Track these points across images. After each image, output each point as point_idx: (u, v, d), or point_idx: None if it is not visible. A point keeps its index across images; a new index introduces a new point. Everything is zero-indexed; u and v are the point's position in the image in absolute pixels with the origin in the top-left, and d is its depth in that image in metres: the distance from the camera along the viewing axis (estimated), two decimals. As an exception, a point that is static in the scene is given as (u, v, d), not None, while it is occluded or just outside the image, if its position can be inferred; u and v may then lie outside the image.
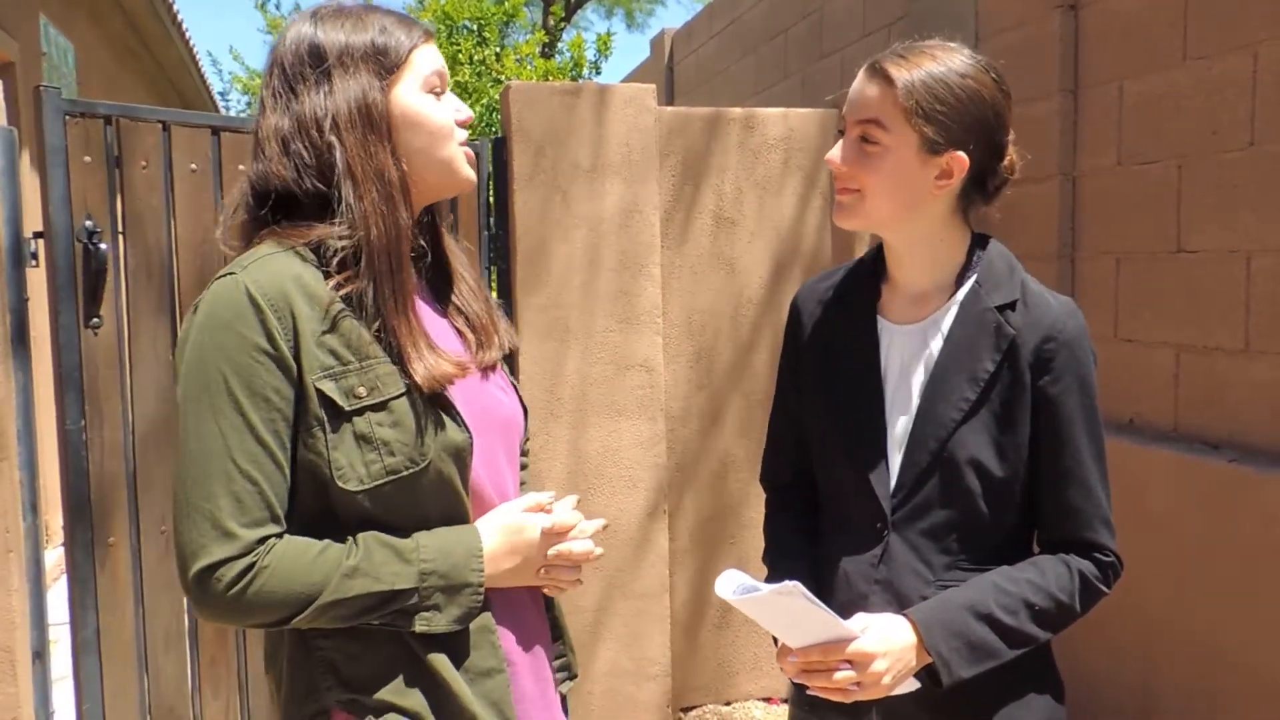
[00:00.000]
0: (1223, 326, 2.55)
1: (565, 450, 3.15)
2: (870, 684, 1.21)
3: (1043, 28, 3.12)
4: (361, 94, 1.16)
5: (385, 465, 1.11)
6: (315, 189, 1.15)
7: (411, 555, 1.11)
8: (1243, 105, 2.48)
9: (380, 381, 1.12)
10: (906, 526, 1.32)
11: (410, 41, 1.20)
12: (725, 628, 3.44)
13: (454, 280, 1.32)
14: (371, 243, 1.14)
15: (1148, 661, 2.71)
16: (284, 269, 1.12)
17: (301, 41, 1.18)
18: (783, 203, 3.39)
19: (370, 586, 1.09)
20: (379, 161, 1.15)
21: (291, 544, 1.10)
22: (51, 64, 5.65)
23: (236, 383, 1.08)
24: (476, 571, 1.15)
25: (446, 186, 1.25)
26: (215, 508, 1.06)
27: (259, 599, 1.07)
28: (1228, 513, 2.45)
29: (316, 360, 1.10)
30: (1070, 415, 1.30)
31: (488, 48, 8.18)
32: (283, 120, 1.16)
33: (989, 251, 1.37)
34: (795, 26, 5.15)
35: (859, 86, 1.32)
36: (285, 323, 1.09)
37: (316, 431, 1.10)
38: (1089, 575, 1.31)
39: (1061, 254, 3.07)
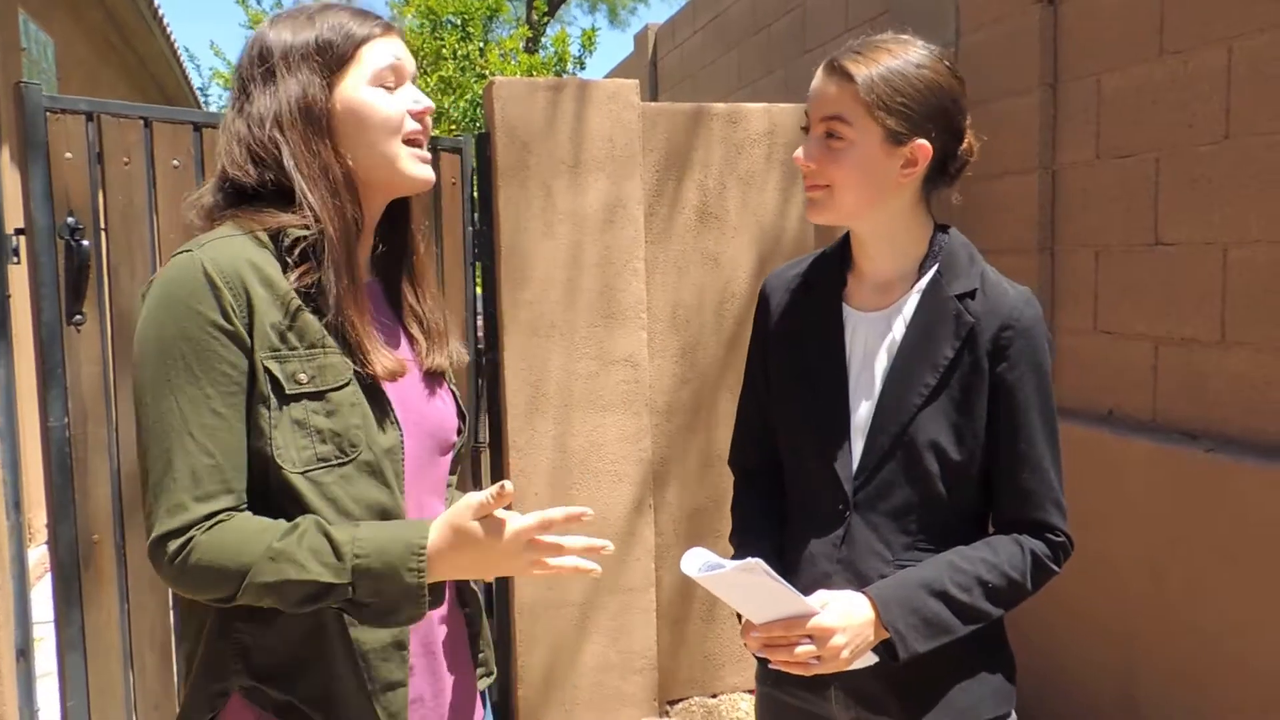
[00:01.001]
0: (1200, 318, 2.58)
1: (550, 445, 3.16)
2: (830, 658, 1.25)
3: (1022, 22, 3.14)
4: (301, 91, 1.18)
5: (316, 453, 1.13)
6: (273, 181, 1.17)
7: (345, 548, 1.08)
8: (1218, 99, 2.51)
9: (322, 371, 1.14)
10: (867, 508, 1.36)
11: (360, 35, 1.20)
12: (711, 621, 3.46)
13: (418, 283, 1.34)
14: (329, 236, 1.16)
15: (1128, 649, 2.75)
16: (240, 250, 1.14)
17: (255, 45, 1.21)
18: (766, 197, 3.40)
19: (294, 574, 1.07)
20: (322, 158, 1.18)
21: (237, 520, 1.10)
22: (31, 59, 5.60)
23: (194, 359, 1.09)
24: (414, 572, 1.09)
25: (395, 184, 1.25)
26: (171, 481, 1.09)
27: (197, 572, 1.08)
28: (1205, 501, 2.48)
29: (266, 340, 1.12)
30: (1026, 401, 1.34)
31: (471, 43, 8.15)
32: (238, 121, 1.20)
33: (950, 241, 1.41)
34: (778, 22, 5.17)
35: (819, 85, 1.35)
36: (240, 300, 1.11)
37: (261, 409, 1.12)
38: (1040, 555, 1.36)
39: (1041, 247, 3.10)
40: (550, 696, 3.22)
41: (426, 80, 7.72)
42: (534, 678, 3.20)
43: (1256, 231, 2.42)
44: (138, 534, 2.56)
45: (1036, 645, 3.06)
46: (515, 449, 3.13)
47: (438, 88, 7.73)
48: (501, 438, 3.17)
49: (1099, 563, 2.81)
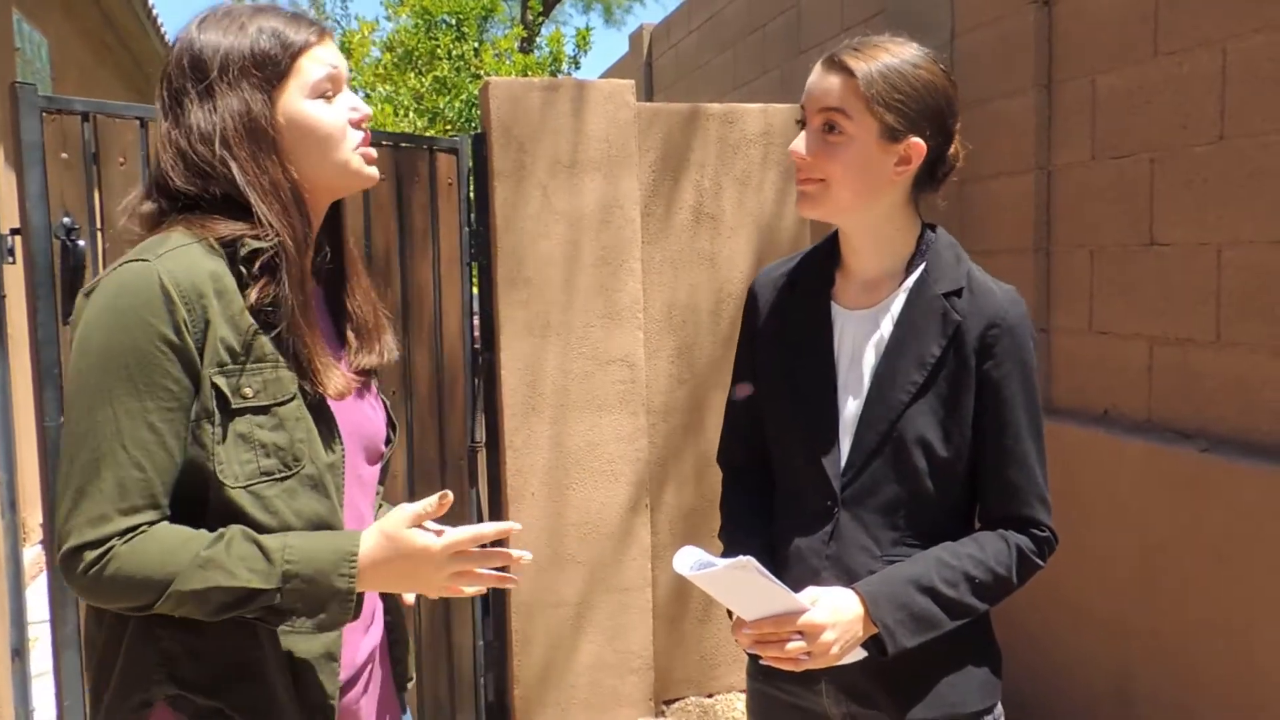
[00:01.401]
0: (1194, 318, 2.59)
1: (547, 445, 3.16)
2: (820, 654, 1.27)
3: (1017, 23, 3.15)
4: (245, 108, 1.15)
5: (260, 466, 1.12)
6: (223, 194, 1.15)
7: (276, 555, 1.09)
8: (1212, 100, 2.52)
9: (268, 385, 1.13)
10: (856, 505, 1.38)
11: (296, 46, 1.18)
12: (707, 621, 3.46)
13: (349, 282, 1.32)
14: (287, 250, 1.15)
15: (1123, 647, 2.76)
16: (199, 262, 1.12)
17: (184, 51, 1.17)
18: (762, 197, 3.41)
19: (223, 581, 1.07)
20: (271, 176, 1.16)
21: (160, 530, 1.09)
22: (25, 59, 5.59)
23: (137, 370, 1.08)
24: (345, 577, 1.11)
25: (346, 185, 1.24)
26: (97, 491, 1.07)
27: (115, 582, 1.07)
28: (1200, 501, 2.49)
29: (216, 355, 1.11)
30: (1012, 398, 1.37)
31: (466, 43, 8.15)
32: (174, 131, 1.17)
33: (937, 240, 1.43)
34: (773, 22, 5.17)
35: (818, 79, 1.36)
36: (195, 316, 1.10)
37: (205, 424, 1.10)
38: (1026, 550, 1.38)
39: (1036, 247, 3.11)
40: (546, 696, 3.22)
41: (421, 80, 7.72)
42: (530, 677, 3.20)
43: (1251, 232, 2.43)
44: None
45: (1031, 642, 3.07)
46: (511, 449, 3.13)
47: (432, 88, 7.72)
48: (498, 438, 3.17)
49: (1094, 561, 2.82)
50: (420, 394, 3.01)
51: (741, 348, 1.57)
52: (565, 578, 3.20)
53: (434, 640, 3.10)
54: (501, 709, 3.29)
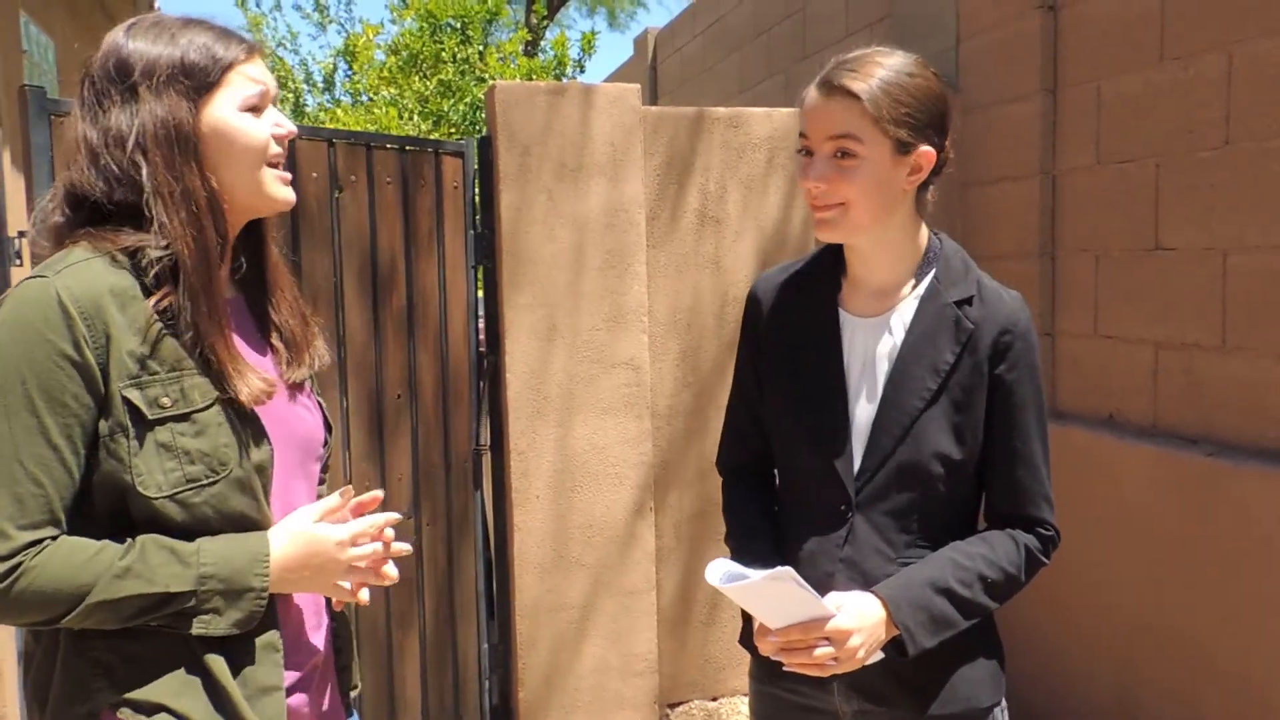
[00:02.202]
0: (1200, 323, 2.59)
1: (552, 448, 3.17)
2: (846, 658, 1.29)
3: (1022, 27, 3.16)
4: (168, 113, 1.15)
5: (185, 474, 1.12)
6: (126, 200, 1.14)
7: (191, 558, 1.10)
8: (1218, 105, 2.52)
9: (186, 393, 1.13)
10: (870, 508, 1.40)
11: (227, 59, 1.18)
12: (712, 624, 3.46)
13: (273, 295, 1.32)
14: (184, 260, 1.14)
15: (1126, 654, 2.75)
16: (99, 277, 1.11)
17: (110, 55, 1.17)
18: (767, 201, 3.41)
19: (142, 588, 1.08)
20: (187, 182, 1.15)
21: (65, 544, 1.09)
22: (32, 61, 5.61)
23: (35, 386, 1.07)
24: (260, 576, 1.14)
25: (259, 206, 1.24)
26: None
27: (25, 598, 1.06)
28: (1205, 506, 2.49)
29: (125, 368, 1.10)
30: (1022, 400, 1.40)
31: (471, 46, 8.17)
32: (90, 131, 1.16)
33: (945, 249, 1.45)
34: (778, 26, 5.18)
35: (820, 105, 1.35)
36: (95, 331, 1.09)
37: (119, 438, 1.10)
38: (1033, 549, 1.42)
39: (1042, 252, 3.11)
40: (550, 699, 3.22)
41: (426, 83, 7.73)
42: (534, 680, 3.20)
43: (1256, 237, 2.43)
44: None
45: (1035, 647, 3.07)
46: (516, 452, 3.13)
47: (437, 91, 7.74)
48: (503, 440, 3.18)
49: (1099, 566, 2.82)
50: (425, 397, 3.02)
51: (743, 352, 1.57)
52: (570, 581, 3.20)
53: (438, 642, 3.10)
54: (506, 712, 3.29)
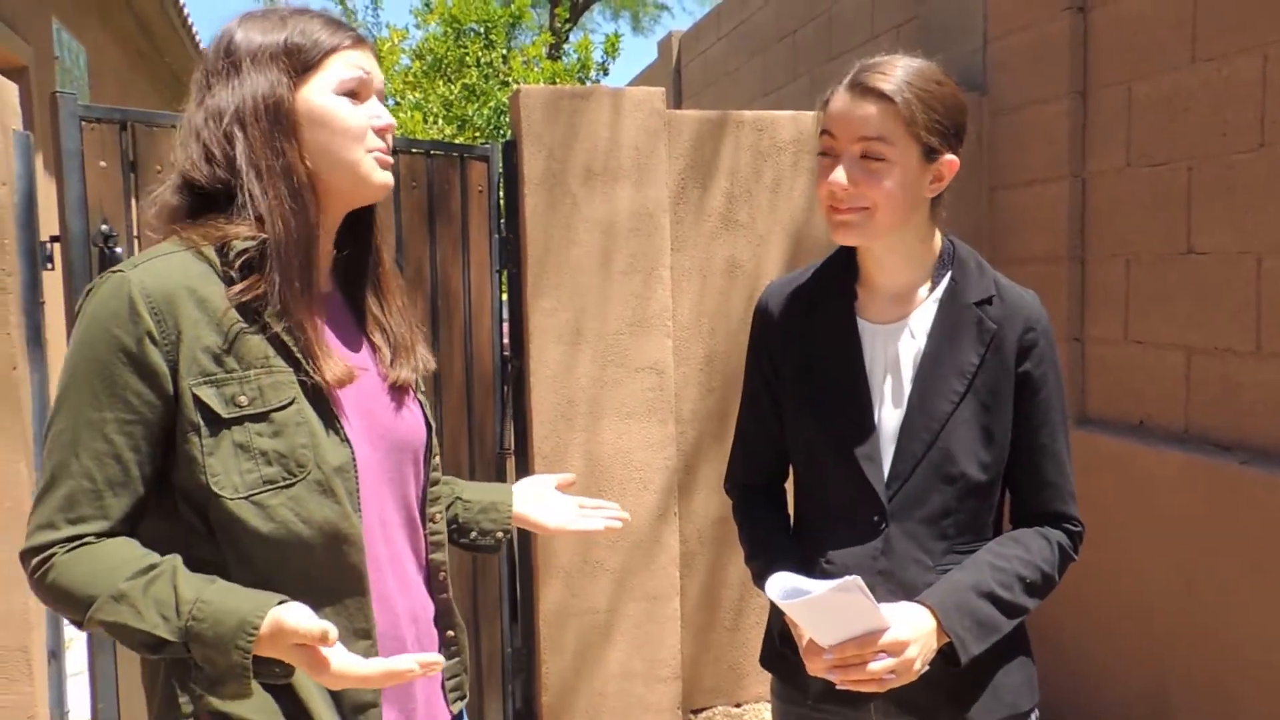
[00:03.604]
0: (1234, 328, 2.55)
1: (577, 453, 3.16)
2: (904, 671, 1.26)
3: (1052, 29, 3.12)
4: (268, 88, 1.15)
5: (262, 475, 1.10)
6: (221, 178, 1.14)
7: (185, 607, 1.03)
8: (1252, 107, 2.49)
9: (264, 391, 1.11)
10: (903, 517, 1.38)
11: (330, 44, 1.18)
12: (736, 629, 3.45)
13: (383, 295, 1.31)
14: (279, 238, 1.13)
15: (1158, 662, 2.72)
16: (177, 270, 1.10)
17: (222, 39, 1.18)
18: (792, 205, 3.40)
19: (131, 620, 1.04)
20: (286, 158, 1.15)
21: (102, 548, 1.07)
22: (64, 68, 5.68)
23: (98, 381, 1.07)
24: (242, 651, 1.02)
25: (356, 192, 1.22)
26: (50, 498, 1.08)
27: (51, 592, 1.08)
28: (1239, 515, 2.45)
29: (197, 366, 1.09)
30: (1049, 397, 1.40)
31: (494, 50, 8.20)
32: (196, 113, 1.17)
33: (959, 251, 1.44)
34: (803, 28, 5.16)
35: (849, 107, 1.33)
36: (165, 327, 1.08)
37: (192, 437, 1.09)
38: (1064, 545, 1.42)
39: (1071, 255, 3.07)
40: (574, 704, 3.21)
41: (450, 87, 7.76)
42: (558, 685, 3.20)
43: (1292, 241, 2.39)
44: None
45: (1065, 655, 3.03)
46: (541, 456, 3.13)
47: (461, 95, 7.77)
48: (527, 445, 3.18)
49: (1129, 573, 2.78)
50: (450, 400, 3.02)
51: (753, 367, 1.55)
52: (594, 585, 3.20)
53: (462, 646, 3.10)
54: (529, 716, 3.29)
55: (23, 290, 2.42)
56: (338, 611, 1.15)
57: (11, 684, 2.41)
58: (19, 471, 2.40)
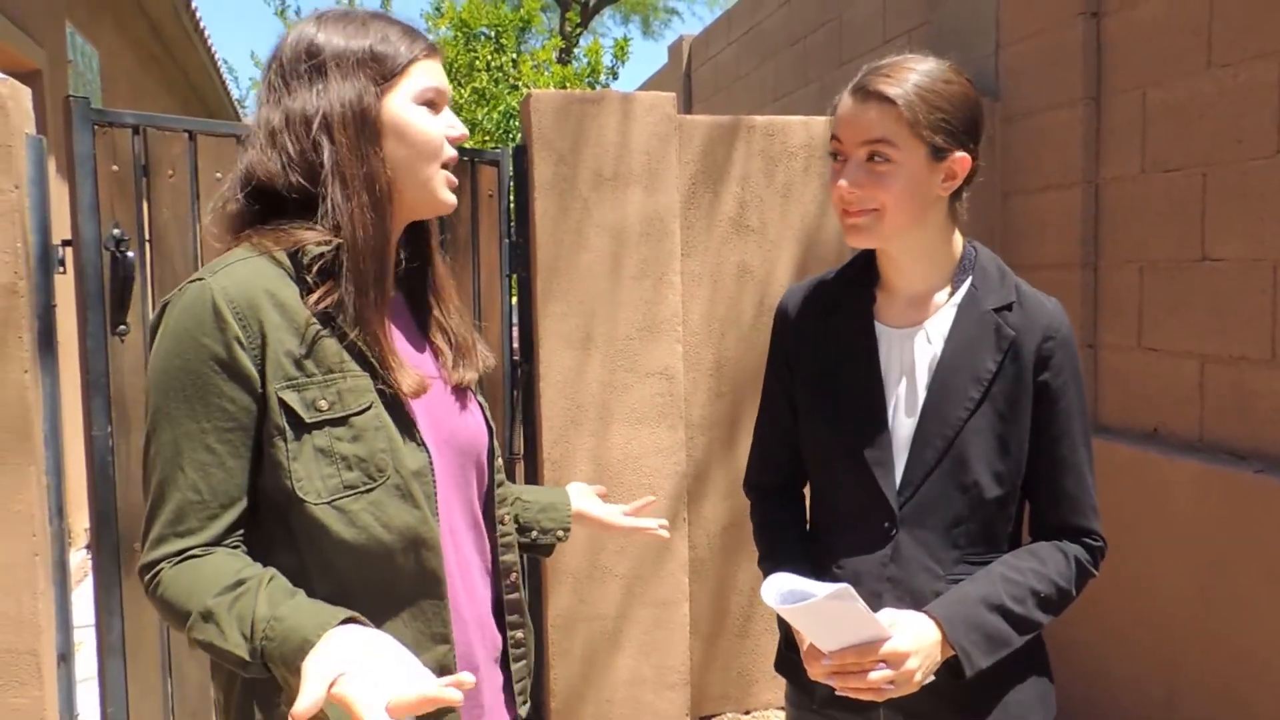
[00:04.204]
0: (1249, 336, 2.53)
1: (586, 458, 3.16)
2: (903, 681, 1.24)
3: (1065, 35, 3.11)
4: (357, 96, 1.14)
5: (343, 480, 1.10)
6: (299, 185, 1.13)
7: (260, 626, 1.02)
8: (1268, 113, 2.47)
9: (343, 396, 1.11)
10: (914, 524, 1.36)
11: (410, 53, 1.18)
12: (745, 636, 3.44)
13: (442, 298, 1.31)
14: (357, 247, 1.12)
15: (1172, 669, 2.69)
16: (256, 276, 1.10)
17: (301, 39, 1.17)
18: (803, 210, 3.39)
19: (215, 639, 1.03)
20: (370, 166, 1.14)
21: (206, 562, 1.07)
22: (77, 71, 5.71)
23: (193, 392, 1.07)
24: None
25: (422, 206, 1.22)
26: (159, 513, 1.09)
27: (161, 605, 1.09)
28: (1254, 524, 2.43)
29: (281, 370, 1.09)
30: (1068, 407, 1.37)
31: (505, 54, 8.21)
32: (274, 114, 1.15)
33: (979, 256, 1.42)
34: (814, 34, 5.15)
35: (854, 111, 1.33)
36: (251, 332, 1.08)
37: (277, 441, 1.09)
38: (1082, 560, 1.38)
39: (1084, 262, 3.06)
40: (582, 710, 3.20)
41: (460, 91, 7.78)
42: (566, 690, 3.19)
43: (1308, 248, 2.37)
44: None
45: (1079, 666, 3.01)
46: (550, 461, 3.13)
47: (471, 99, 7.78)
48: (536, 449, 3.17)
49: (1143, 583, 2.76)
50: (460, 405, 3.02)
51: (772, 370, 1.54)
52: (602, 591, 3.19)
53: (471, 652, 3.10)
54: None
55: (35, 293, 2.42)
56: (415, 617, 1.15)
57: (21, 687, 2.41)
58: (28, 475, 2.41)
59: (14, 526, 2.40)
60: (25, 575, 2.41)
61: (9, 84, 2.37)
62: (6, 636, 2.40)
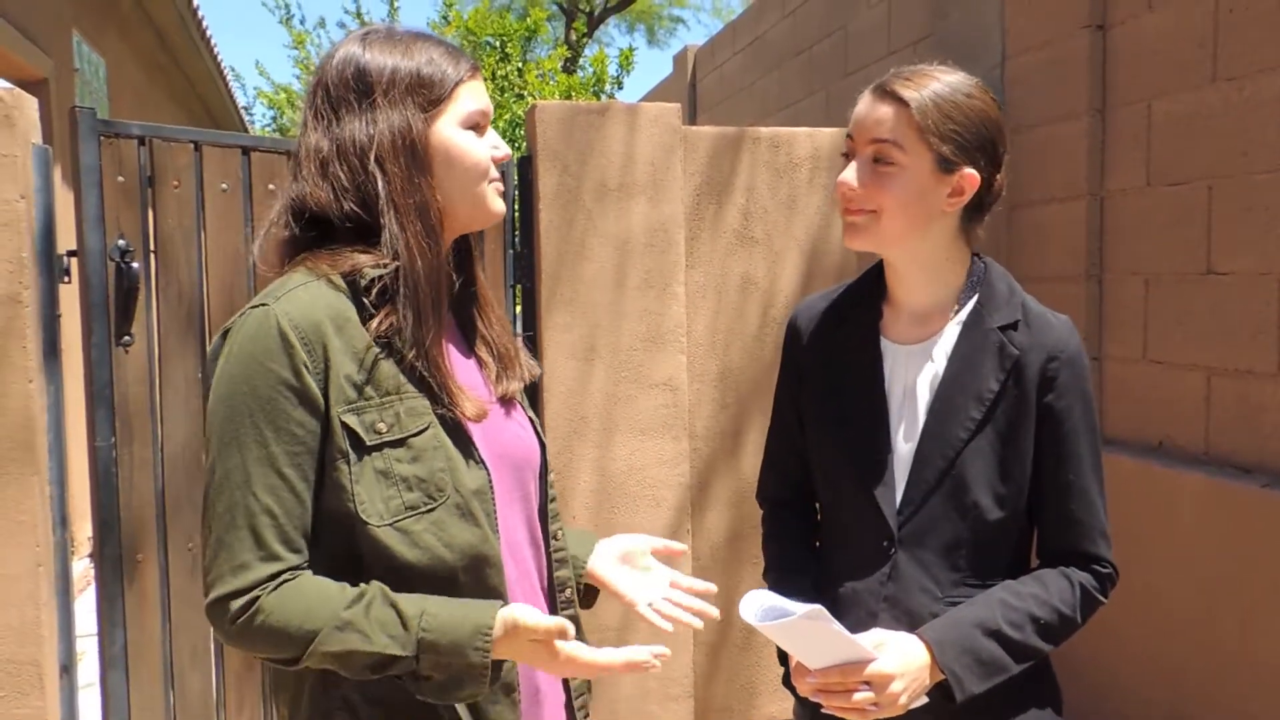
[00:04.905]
0: (1255, 349, 2.52)
1: (590, 468, 3.15)
2: (887, 704, 1.23)
3: (1070, 47, 3.11)
4: (407, 125, 1.15)
5: (404, 501, 1.10)
6: (353, 213, 1.14)
7: (413, 622, 1.07)
8: (1274, 126, 2.46)
9: (401, 418, 1.12)
10: (914, 544, 1.34)
11: (456, 76, 1.19)
12: (749, 648, 3.42)
13: (484, 310, 1.31)
14: (417, 274, 1.13)
15: (1178, 685, 2.68)
16: (317, 300, 1.11)
17: (349, 64, 1.17)
18: (808, 221, 3.39)
19: (360, 645, 1.06)
20: (422, 195, 1.15)
21: (303, 583, 1.09)
22: (84, 80, 5.73)
23: (261, 417, 1.08)
24: (480, 652, 1.08)
25: (475, 220, 1.24)
26: (235, 540, 1.07)
27: (261, 634, 1.07)
28: (1261, 538, 2.42)
29: (343, 393, 1.10)
30: (1073, 430, 1.34)
31: (510, 63, 8.23)
32: (323, 141, 1.15)
33: (989, 272, 1.40)
34: (819, 45, 5.16)
35: (868, 108, 1.33)
36: (315, 356, 1.09)
37: (340, 464, 1.09)
38: (1089, 587, 1.35)
39: (1089, 275, 3.05)
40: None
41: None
42: (569, 703, 3.18)
43: (1315, 262, 2.36)
44: (180, 554, 2.58)
45: (1085, 681, 3.00)
46: (554, 471, 3.12)
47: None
48: (540, 460, 3.17)
49: (1149, 597, 2.75)
50: (463, 416, 3.02)
51: (782, 383, 1.53)
52: (606, 603, 3.17)
53: (473, 663, 3.09)
54: (540, 733, 3.27)
55: (40, 303, 2.43)
56: None
57: (23, 697, 2.41)
58: (32, 485, 2.41)
59: (17, 536, 2.39)
60: (29, 586, 2.41)
61: (15, 94, 2.38)
62: (9, 647, 2.39)
